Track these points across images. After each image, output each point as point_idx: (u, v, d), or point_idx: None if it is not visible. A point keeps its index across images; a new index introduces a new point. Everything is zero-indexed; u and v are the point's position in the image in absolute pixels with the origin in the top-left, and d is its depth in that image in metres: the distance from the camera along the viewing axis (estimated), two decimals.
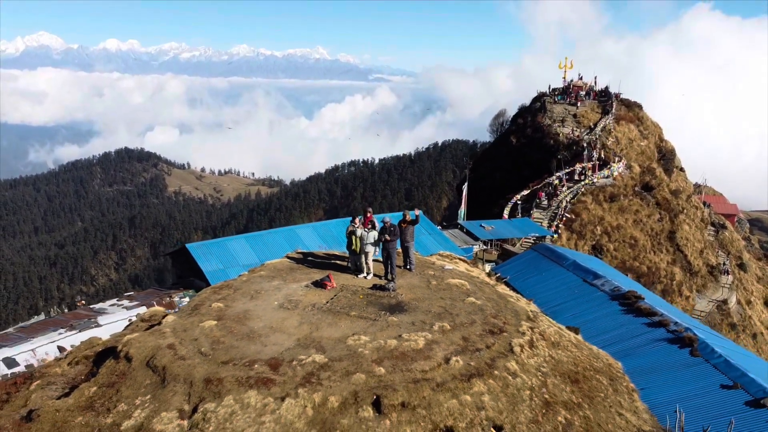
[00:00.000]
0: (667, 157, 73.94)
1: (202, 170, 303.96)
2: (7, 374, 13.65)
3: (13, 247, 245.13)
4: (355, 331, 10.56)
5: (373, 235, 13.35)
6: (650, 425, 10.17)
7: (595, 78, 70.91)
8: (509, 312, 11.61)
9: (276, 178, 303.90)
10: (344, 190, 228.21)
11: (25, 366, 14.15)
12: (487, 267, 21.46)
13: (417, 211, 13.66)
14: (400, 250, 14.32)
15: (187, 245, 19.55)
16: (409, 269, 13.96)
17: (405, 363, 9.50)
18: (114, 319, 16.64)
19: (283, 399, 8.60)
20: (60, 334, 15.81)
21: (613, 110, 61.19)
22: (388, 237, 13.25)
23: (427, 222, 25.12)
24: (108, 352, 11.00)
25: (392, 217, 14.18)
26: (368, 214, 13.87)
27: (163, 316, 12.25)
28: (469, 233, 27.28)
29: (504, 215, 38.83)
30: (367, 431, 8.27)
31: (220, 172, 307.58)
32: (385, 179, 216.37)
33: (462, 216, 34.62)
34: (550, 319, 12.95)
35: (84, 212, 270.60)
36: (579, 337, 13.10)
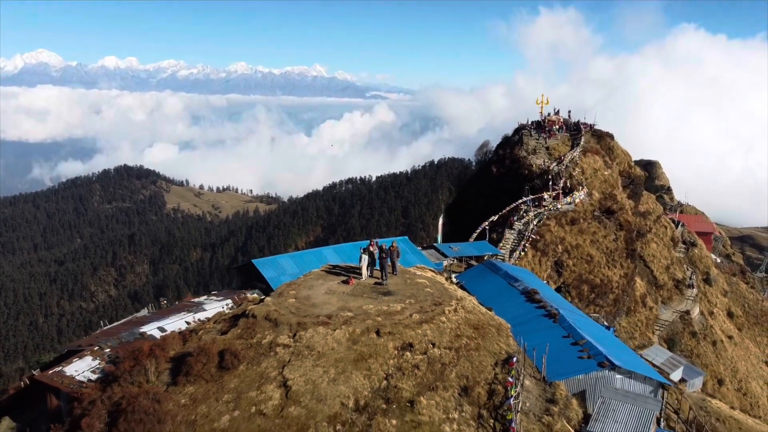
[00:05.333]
0: (635, 182, 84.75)
1: (201, 187, 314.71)
2: (162, 335, 24.21)
3: (13, 264, 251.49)
4: (366, 303, 21.53)
5: (365, 257, 24.30)
6: (513, 349, 21.10)
7: (569, 112, 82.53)
8: (447, 296, 22.60)
9: (274, 195, 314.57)
10: (342, 208, 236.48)
11: (170, 331, 24.65)
12: (453, 276, 32.29)
13: (395, 244, 24.71)
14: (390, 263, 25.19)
15: (253, 261, 30.41)
16: (395, 274, 24.88)
17: (391, 316, 20.45)
18: (214, 306, 27.28)
19: (334, 330, 19.52)
20: (184, 314, 26.38)
21: (581, 143, 72.35)
22: (384, 255, 24.20)
23: (411, 245, 36.20)
24: (238, 316, 21.86)
25: (386, 242, 25.17)
26: (372, 242, 24.88)
27: (261, 299, 23.16)
28: (441, 252, 38.24)
29: (470, 239, 49.75)
30: (372, 343, 19.15)
31: (218, 189, 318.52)
32: (382, 197, 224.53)
33: (439, 240, 45.97)
34: (474, 301, 23.91)
35: (83, 229, 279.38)
36: (491, 312, 24.01)
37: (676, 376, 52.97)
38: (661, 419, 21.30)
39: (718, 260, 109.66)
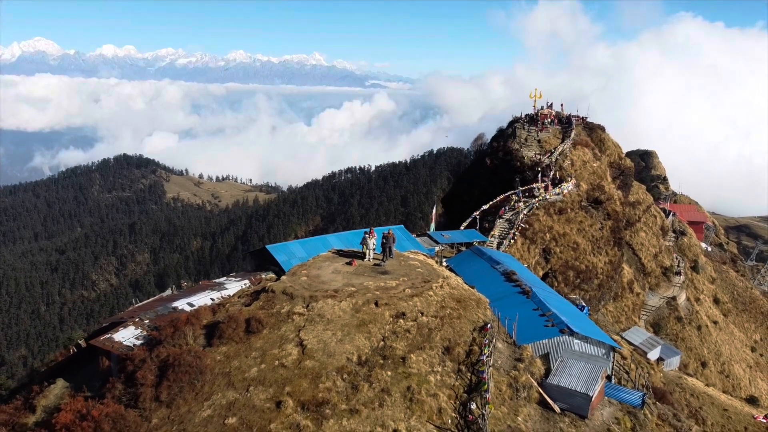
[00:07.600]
0: (625, 173, 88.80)
1: (200, 176, 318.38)
2: (192, 308, 28.64)
3: (14, 253, 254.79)
4: (367, 280, 25.99)
5: (372, 241, 28.73)
6: (489, 318, 25.58)
7: (562, 105, 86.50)
8: (435, 274, 27.06)
9: (273, 185, 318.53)
10: (341, 197, 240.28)
11: (198, 306, 29.06)
12: (444, 260, 36.75)
13: (391, 231, 29.13)
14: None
15: (267, 246, 34.75)
16: (391, 257, 29.32)
17: (387, 291, 24.90)
18: (234, 286, 31.65)
19: (341, 301, 23.98)
20: (208, 292, 30.76)
21: (572, 136, 76.47)
22: (384, 242, 28.65)
23: (407, 233, 40.62)
24: (259, 291, 26.29)
25: (385, 230, 29.58)
26: (371, 231, 29.28)
27: (276, 278, 27.58)
28: (433, 239, 42.73)
29: (461, 227, 54.19)
30: (372, 312, 23.61)
31: (218, 178, 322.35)
32: (381, 186, 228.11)
33: (432, 228, 50.67)
34: (459, 280, 28.37)
35: (83, 218, 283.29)
36: (473, 289, 28.45)
37: (653, 355, 57.61)
38: (612, 376, 25.82)
39: (709, 249, 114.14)
